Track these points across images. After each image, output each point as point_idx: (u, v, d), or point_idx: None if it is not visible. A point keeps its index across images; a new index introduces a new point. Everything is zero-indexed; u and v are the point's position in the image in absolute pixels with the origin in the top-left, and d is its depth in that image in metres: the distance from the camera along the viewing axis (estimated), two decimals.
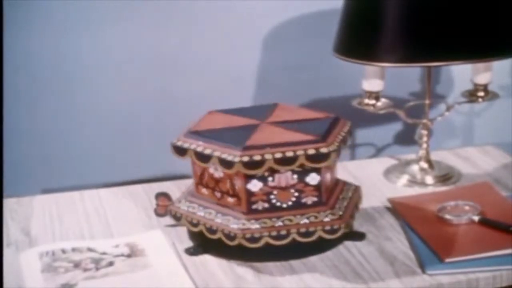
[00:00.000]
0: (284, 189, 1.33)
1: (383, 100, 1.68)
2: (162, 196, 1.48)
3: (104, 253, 1.38)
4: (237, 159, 1.28)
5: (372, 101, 1.66)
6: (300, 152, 1.29)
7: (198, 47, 1.80)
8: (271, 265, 1.35)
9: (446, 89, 1.98)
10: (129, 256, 1.37)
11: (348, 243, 1.41)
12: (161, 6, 1.75)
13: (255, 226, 1.32)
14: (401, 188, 1.66)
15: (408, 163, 1.74)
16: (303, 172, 1.32)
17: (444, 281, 1.29)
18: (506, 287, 1.32)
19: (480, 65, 1.66)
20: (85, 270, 1.32)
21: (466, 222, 1.44)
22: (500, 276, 1.31)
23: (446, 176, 1.70)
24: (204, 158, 1.32)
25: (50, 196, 1.65)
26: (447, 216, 1.46)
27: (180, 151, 1.35)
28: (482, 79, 1.68)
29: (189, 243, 1.41)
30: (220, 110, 1.47)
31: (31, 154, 1.77)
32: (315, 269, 1.33)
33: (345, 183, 1.47)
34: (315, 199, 1.34)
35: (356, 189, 1.46)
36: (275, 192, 1.33)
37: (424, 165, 1.71)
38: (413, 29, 1.53)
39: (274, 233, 1.31)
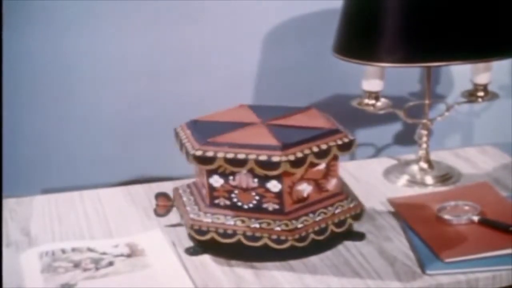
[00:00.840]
0: (245, 190, 1.34)
1: (383, 100, 1.68)
2: (162, 196, 1.48)
3: (104, 253, 1.38)
4: (191, 152, 1.32)
5: (372, 101, 1.66)
6: (251, 156, 1.29)
7: (198, 47, 1.80)
8: (270, 265, 1.35)
9: (446, 89, 1.98)
10: (129, 256, 1.37)
11: (348, 243, 1.41)
12: (161, 6, 1.75)
13: (206, 219, 1.34)
14: (401, 188, 1.66)
15: (408, 163, 1.74)
16: (264, 178, 1.32)
17: (444, 281, 1.29)
18: (506, 287, 1.32)
19: (480, 65, 1.66)
20: (85, 270, 1.32)
21: (466, 222, 1.44)
22: (500, 276, 1.31)
23: (445, 176, 1.70)
24: (181, 147, 1.38)
25: (50, 196, 1.65)
26: (447, 216, 1.46)
27: (176, 136, 1.42)
28: (482, 79, 1.68)
29: (189, 243, 1.41)
30: (250, 105, 1.50)
31: (31, 154, 1.76)
32: (315, 269, 1.33)
33: (345, 198, 1.40)
34: (276, 206, 1.33)
35: (354, 207, 1.39)
36: (236, 191, 1.34)
37: (424, 165, 1.71)
38: (413, 29, 1.53)
39: (221, 231, 1.33)
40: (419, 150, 1.72)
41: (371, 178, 1.70)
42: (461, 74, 1.83)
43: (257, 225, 1.32)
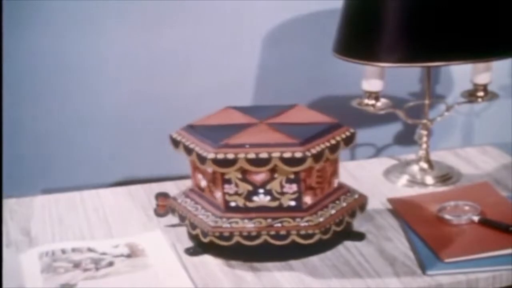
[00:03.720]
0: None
1: (383, 100, 1.68)
2: (162, 196, 1.48)
3: (104, 253, 1.38)
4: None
5: (372, 101, 1.66)
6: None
7: (198, 47, 1.80)
8: (270, 265, 1.35)
9: (446, 89, 1.98)
10: (129, 256, 1.37)
11: (348, 243, 1.41)
12: (162, 6, 1.74)
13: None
14: (401, 188, 1.66)
15: (408, 163, 1.74)
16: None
17: (444, 281, 1.29)
18: (506, 287, 1.32)
19: (480, 65, 1.66)
20: (85, 270, 1.32)
21: (466, 222, 1.44)
22: (500, 276, 1.31)
23: (446, 176, 1.70)
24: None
25: (50, 197, 1.65)
26: (447, 216, 1.46)
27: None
28: (482, 79, 1.68)
29: (189, 243, 1.41)
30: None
31: (31, 154, 1.76)
32: (315, 269, 1.33)
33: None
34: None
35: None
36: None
37: (424, 165, 1.71)
38: (413, 29, 1.53)
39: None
40: (419, 150, 1.72)
41: (371, 178, 1.70)
42: (461, 74, 1.83)
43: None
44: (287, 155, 1.29)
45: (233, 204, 1.34)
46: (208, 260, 1.37)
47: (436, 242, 1.37)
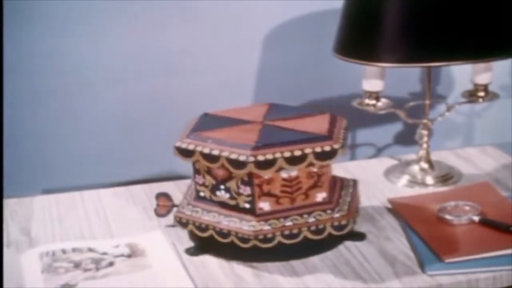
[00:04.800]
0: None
1: (383, 100, 1.68)
2: (162, 196, 1.48)
3: (104, 254, 1.38)
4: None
5: (372, 101, 1.66)
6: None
7: (198, 47, 1.80)
8: (271, 265, 1.35)
9: (446, 89, 1.98)
10: (129, 256, 1.37)
11: (348, 243, 1.41)
12: (161, 6, 1.75)
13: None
14: (401, 188, 1.66)
15: (408, 163, 1.74)
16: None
17: (444, 281, 1.29)
18: (506, 287, 1.32)
19: (480, 65, 1.66)
20: (85, 270, 1.32)
21: (466, 222, 1.44)
22: (500, 277, 1.31)
23: (446, 176, 1.70)
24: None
25: (50, 197, 1.65)
26: (447, 217, 1.46)
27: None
28: (482, 79, 1.68)
29: (189, 243, 1.41)
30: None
31: (31, 154, 1.76)
32: (315, 269, 1.33)
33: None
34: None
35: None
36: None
37: (424, 165, 1.71)
38: (413, 29, 1.53)
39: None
40: (420, 150, 1.72)
41: (371, 178, 1.70)
42: (462, 74, 1.83)
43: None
44: (233, 156, 1.29)
45: (202, 194, 1.38)
46: (208, 260, 1.37)
47: (436, 242, 1.37)
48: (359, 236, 1.43)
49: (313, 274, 1.32)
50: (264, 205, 1.34)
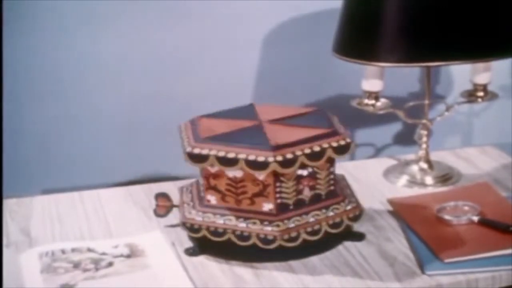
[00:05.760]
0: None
1: (382, 100, 1.68)
2: (162, 196, 1.48)
3: (103, 254, 1.38)
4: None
5: (372, 101, 1.66)
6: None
7: (198, 47, 1.80)
8: (270, 265, 1.35)
9: (445, 89, 1.98)
10: (128, 256, 1.37)
11: (347, 244, 1.41)
12: (161, 6, 1.75)
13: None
14: (401, 188, 1.66)
15: (408, 163, 1.74)
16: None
17: (443, 281, 1.29)
18: (506, 287, 1.32)
19: (480, 65, 1.66)
20: (85, 270, 1.32)
21: (465, 222, 1.44)
22: (500, 277, 1.31)
23: (445, 177, 1.70)
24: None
25: (50, 197, 1.65)
26: (447, 217, 1.46)
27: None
28: (481, 79, 1.68)
29: (189, 244, 1.41)
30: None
31: (31, 154, 1.76)
32: (315, 270, 1.33)
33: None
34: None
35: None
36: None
37: (424, 165, 1.71)
38: (413, 29, 1.53)
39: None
40: (419, 150, 1.72)
41: (371, 178, 1.70)
42: (461, 74, 1.83)
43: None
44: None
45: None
46: (208, 260, 1.37)
47: (436, 242, 1.37)
48: (358, 236, 1.43)
49: (312, 274, 1.32)
50: (211, 199, 1.36)
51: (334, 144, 1.32)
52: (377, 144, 1.99)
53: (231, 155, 1.29)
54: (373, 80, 1.64)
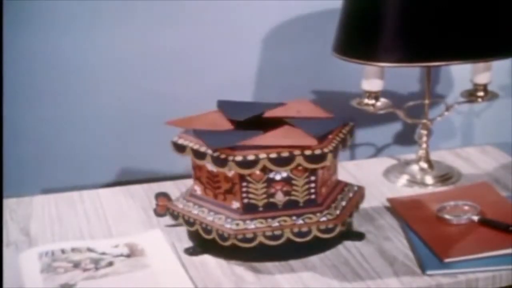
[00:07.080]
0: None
1: (382, 100, 1.68)
2: (162, 196, 1.48)
3: (103, 253, 1.38)
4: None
5: (372, 101, 1.66)
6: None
7: (198, 47, 1.80)
8: (270, 265, 1.35)
9: (445, 89, 1.98)
10: (128, 256, 1.37)
11: (347, 243, 1.41)
12: (161, 6, 1.74)
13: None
14: (401, 188, 1.66)
15: (408, 163, 1.74)
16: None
17: (443, 281, 1.29)
18: (505, 287, 1.32)
19: (480, 65, 1.66)
20: (85, 270, 1.32)
21: (465, 222, 1.44)
22: (500, 276, 1.31)
23: (445, 176, 1.70)
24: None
25: (49, 196, 1.65)
26: (447, 216, 1.46)
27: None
28: (481, 79, 1.68)
29: (189, 243, 1.41)
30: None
31: (31, 154, 1.76)
32: (315, 269, 1.33)
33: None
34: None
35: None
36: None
37: (424, 165, 1.71)
38: (413, 29, 1.53)
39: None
40: (419, 150, 1.72)
41: (371, 178, 1.70)
42: (461, 74, 1.83)
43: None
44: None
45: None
46: (208, 260, 1.37)
47: (436, 242, 1.37)
48: (358, 236, 1.43)
49: (312, 274, 1.32)
50: (197, 189, 1.39)
51: (307, 153, 1.30)
52: (377, 144, 1.99)
53: (202, 149, 1.33)
54: (373, 80, 1.64)
